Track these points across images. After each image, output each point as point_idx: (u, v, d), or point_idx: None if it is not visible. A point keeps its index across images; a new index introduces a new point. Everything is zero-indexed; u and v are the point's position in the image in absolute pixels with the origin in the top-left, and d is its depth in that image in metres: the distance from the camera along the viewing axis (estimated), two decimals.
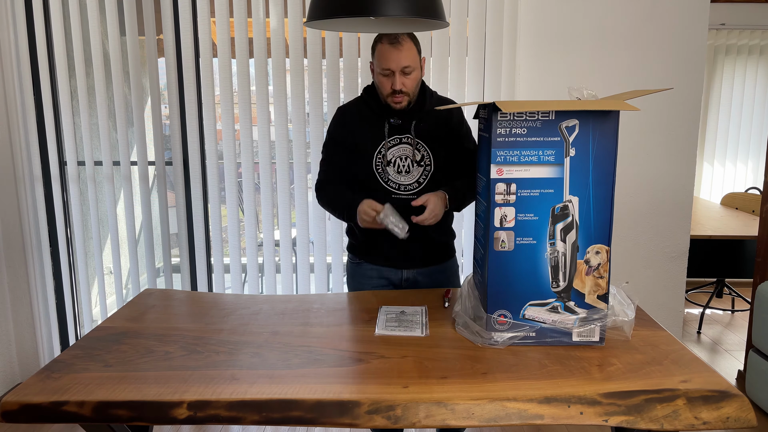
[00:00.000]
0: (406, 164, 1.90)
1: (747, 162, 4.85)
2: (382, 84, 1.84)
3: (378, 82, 1.86)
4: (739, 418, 1.22)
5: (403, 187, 1.91)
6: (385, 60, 1.79)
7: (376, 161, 1.90)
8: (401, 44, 1.78)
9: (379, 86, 1.86)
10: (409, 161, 1.90)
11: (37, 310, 3.03)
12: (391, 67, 1.79)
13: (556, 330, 1.47)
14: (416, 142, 1.89)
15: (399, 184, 1.91)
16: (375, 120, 1.92)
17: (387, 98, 1.86)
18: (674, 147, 2.90)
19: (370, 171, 1.91)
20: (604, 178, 1.42)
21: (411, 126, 1.89)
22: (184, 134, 2.92)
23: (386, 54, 1.78)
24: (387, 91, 1.84)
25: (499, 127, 1.40)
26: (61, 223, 3.02)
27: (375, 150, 1.90)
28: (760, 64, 4.72)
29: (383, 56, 1.79)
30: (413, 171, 1.90)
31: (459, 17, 2.79)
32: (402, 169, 1.90)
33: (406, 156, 1.90)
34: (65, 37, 2.89)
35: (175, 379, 1.31)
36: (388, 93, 1.84)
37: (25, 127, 2.88)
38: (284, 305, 1.79)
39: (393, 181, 1.91)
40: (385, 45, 1.79)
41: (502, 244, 1.44)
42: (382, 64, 1.80)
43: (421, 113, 1.91)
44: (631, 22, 2.79)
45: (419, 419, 1.21)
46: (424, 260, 2.00)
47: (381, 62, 1.80)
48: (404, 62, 1.79)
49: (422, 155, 1.90)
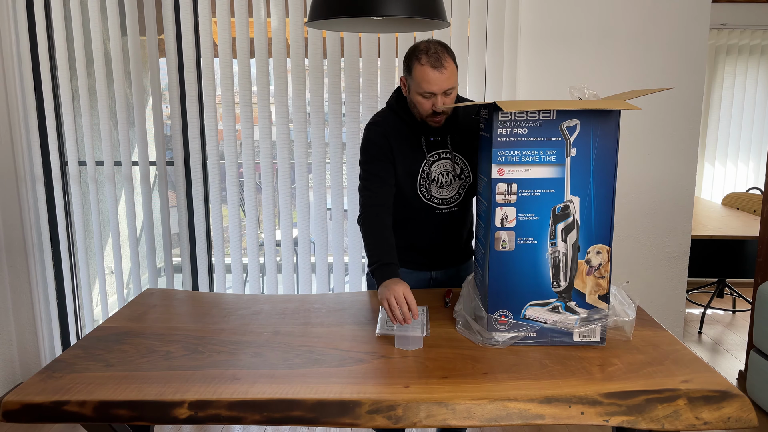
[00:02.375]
0: (448, 179, 1.87)
1: (748, 162, 4.85)
2: (420, 104, 1.76)
3: (415, 101, 1.77)
4: (740, 418, 1.22)
5: (445, 201, 1.89)
6: (428, 83, 1.69)
7: (420, 180, 1.86)
8: (445, 68, 1.68)
9: (417, 106, 1.77)
10: (451, 176, 1.87)
11: (38, 310, 3.03)
12: (434, 91, 1.70)
13: (557, 330, 1.47)
14: (454, 156, 1.87)
15: (441, 199, 1.89)
16: (412, 137, 1.85)
17: (426, 118, 1.79)
18: (675, 147, 2.90)
19: (414, 190, 1.87)
20: (605, 178, 1.42)
21: (448, 140, 1.86)
22: (186, 134, 2.93)
23: (429, 77, 1.69)
24: (426, 112, 1.76)
25: (500, 126, 1.40)
26: (63, 223, 3.02)
27: (419, 168, 1.85)
28: (761, 64, 4.72)
29: (426, 80, 1.69)
30: (453, 184, 1.88)
31: (460, 17, 2.79)
32: (444, 185, 1.88)
33: (447, 171, 1.87)
34: (66, 37, 2.90)
35: (176, 379, 1.31)
36: (428, 114, 1.77)
37: (26, 127, 2.88)
38: (285, 305, 1.79)
39: (436, 197, 1.88)
40: (426, 68, 1.68)
41: (503, 244, 1.44)
42: (423, 87, 1.70)
43: (454, 126, 1.86)
44: (632, 22, 2.79)
45: (420, 419, 1.21)
46: (452, 261, 2.01)
47: (422, 85, 1.70)
48: (446, 85, 1.70)
49: (461, 168, 1.87)
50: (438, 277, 2.03)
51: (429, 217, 1.90)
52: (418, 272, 2.01)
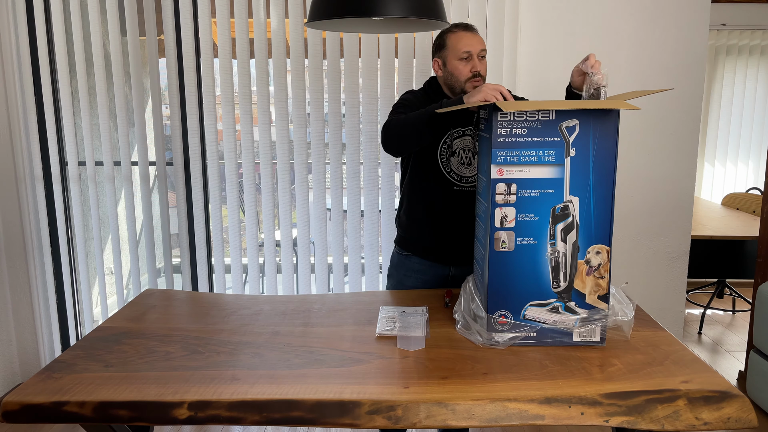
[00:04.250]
0: (468, 156, 1.92)
1: (748, 162, 4.85)
2: (459, 70, 1.86)
3: (454, 69, 1.87)
4: (740, 418, 1.22)
5: (464, 179, 1.93)
6: (465, 44, 1.84)
7: (441, 150, 1.92)
8: (475, 30, 1.88)
9: (456, 73, 1.87)
10: (471, 153, 1.92)
11: (38, 310, 3.03)
12: (471, 50, 1.84)
13: (557, 330, 1.47)
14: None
15: (461, 176, 1.93)
16: None
17: (465, 84, 1.87)
18: (675, 147, 2.90)
19: (434, 161, 1.93)
20: (604, 178, 1.42)
21: (474, 118, 1.91)
22: (185, 134, 2.93)
23: (464, 39, 1.85)
24: (466, 75, 1.86)
25: (499, 127, 1.40)
26: (62, 224, 3.02)
27: (441, 139, 1.91)
28: (761, 64, 4.72)
29: (462, 41, 1.85)
30: (474, 163, 1.93)
31: (460, 17, 2.79)
32: (465, 161, 1.92)
33: (468, 148, 1.92)
34: (66, 38, 2.90)
35: (176, 380, 1.31)
36: (467, 77, 1.86)
37: (26, 128, 2.88)
38: (285, 306, 1.79)
39: (456, 173, 1.93)
40: (460, 32, 1.86)
41: (503, 245, 1.44)
42: (461, 47, 1.84)
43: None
44: (632, 22, 2.79)
45: (420, 419, 1.21)
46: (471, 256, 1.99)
47: (460, 46, 1.84)
48: (481, 45, 1.85)
49: None
50: (456, 275, 2.03)
51: (447, 194, 1.93)
52: (436, 266, 2.02)
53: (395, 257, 2.12)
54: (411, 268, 2.05)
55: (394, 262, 2.12)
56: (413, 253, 2.05)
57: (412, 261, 2.05)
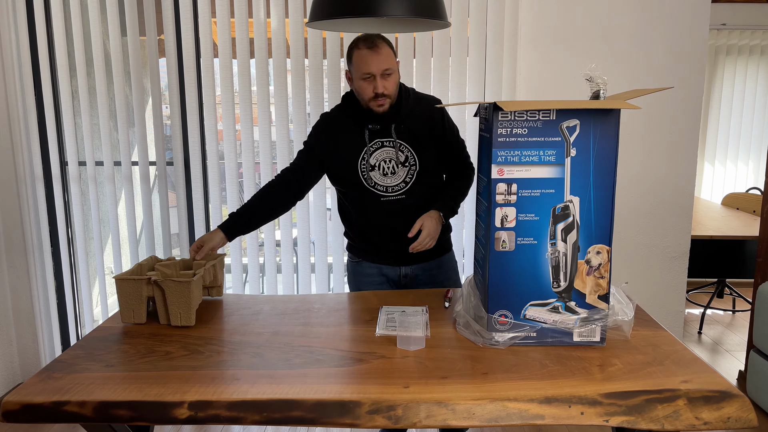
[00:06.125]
0: (390, 166, 1.92)
1: (748, 162, 4.85)
2: (363, 89, 1.85)
3: (358, 87, 1.86)
4: (740, 418, 1.22)
5: (390, 189, 1.94)
6: (365, 64, 1.80)
7: (361, 167, 1.93)
8: (379, 48, 1.80)
9: (360, 92, 1.86)
10: (393, 163, 1.92)
11: (38, 310, 3.03)
12: (372, 71, 1.80)
13: (557, 330, 1.47)
14: (399, 144, 1.91)
15: (386, 186, 1.94)
16: (355, 128, 1.94)
17: (369, 103, 1.86)
18: (675, 147, 2.90)
19: (356, 177, 1.93)
20: (604, 178, 1.42)
21: (391, 128, 1.91)
22: (185, 134, 2.93)
23: (366, 58, 1.80)
24: (369, 95, 1.84)
25: (500, 127, 1.40)
26: (62, 223, 3.02)
27: (359, 156, 1.92)
28: (761, 64, 4.72)
29: (363, 61, 1.80)
30: (399, 172, 1.93)
31: (460, 17, 2.79)
32: (387, 171, 1.93)
33: (390, 158, 1.92)
34: (66, 38, 2.90)
35: (176, 379, 1.31)
36: (370, 97, 1.85)
37: (26, 127, 2.88)
38: (285, 305, 1.79)
39: (379, 185, 1.93)
40: (363, 50, 1.80)
41: (503, 244, 1.44)
42: (362, 69, 1.81)
43: (401, 114, 1.92)
44: (632, 22, 2.79)
45: (420, 419, 1.21)
46: (421, 255, 2.01)
47: (361, 67, 1.81)
48: (384, 65, 1.80)
49: (406, 156, 1.92)
50: (409, 273, 2.05)
51: (376, 204, 1.95)
52: (387, 267, 2.05)
53: (349, 265, 2.16)
54: (363, 273, 2.08)
55: (350, 270, 2.16)
56: (362, 258, 2.08)
57: (363, 266, 2.09)
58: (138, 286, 1.63)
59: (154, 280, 1.61)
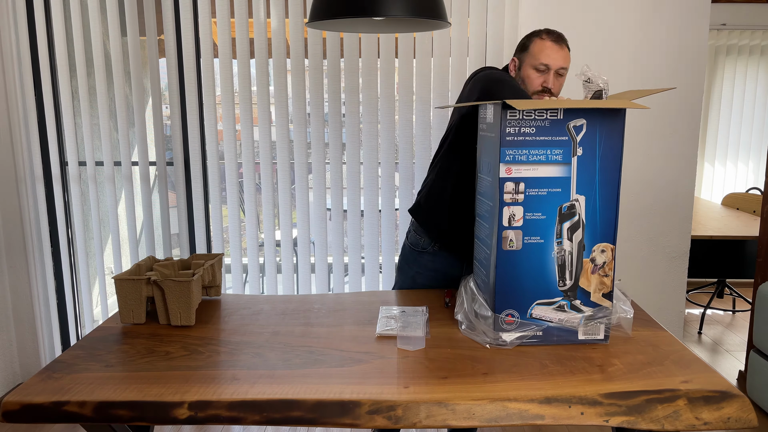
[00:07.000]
0: None
1: (748, 162, 4.85)
2: (531, 79, 1.79)
3: (526, 76, 1.80)
4: (740, 418, 1.22)
5: None
6: (546, 56, 1.75)
7: None
8: (563, 45, 1.77)
9: (527, 81, 1.80)
10: None
11: (38, 310, 3.03)
12: (550, 64, 1.76)
13: (562, 329, 1.47)
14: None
15: None
16: None
17: (532, 95, 1.81)
18: (675, 147, 2.90)
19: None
20: (609, 177, 1.42)
21: None
22: (185, 134, 2.93)
23: (548, 50, 1.75)
24: (535, 87, 1.80)
25: (508, 125, 1.39)
26: (63, 223, 3.02)
27: None
28: (761, 64, 4.72)
29: (544, 51, 1.75)
30: None
31: (460, 17, 2.79)
32: None
33: None
34: (66, 38, 2.90)
35: (176, 379, 1.31)
36: (536, 90, 1.80)
37: (26, 127, 2.88)
38: (285, 305, 1.79)
39: None
40: (547, 41, 1.76)
41: (511, 243, 1.44)
42: (540, 58, 1.76)
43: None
44: (632, 22, 2.79)
45: (420, 419, 1.21)
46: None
47: (540, 57, 1.76)
48: (562, 62, 1.77)
49: None
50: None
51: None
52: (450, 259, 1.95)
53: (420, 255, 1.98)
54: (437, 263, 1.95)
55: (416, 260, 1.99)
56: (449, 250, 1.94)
57: (440, 257, 1.95)
58: (137, 286, 1.63)
59: (154, 280, 1.61)
